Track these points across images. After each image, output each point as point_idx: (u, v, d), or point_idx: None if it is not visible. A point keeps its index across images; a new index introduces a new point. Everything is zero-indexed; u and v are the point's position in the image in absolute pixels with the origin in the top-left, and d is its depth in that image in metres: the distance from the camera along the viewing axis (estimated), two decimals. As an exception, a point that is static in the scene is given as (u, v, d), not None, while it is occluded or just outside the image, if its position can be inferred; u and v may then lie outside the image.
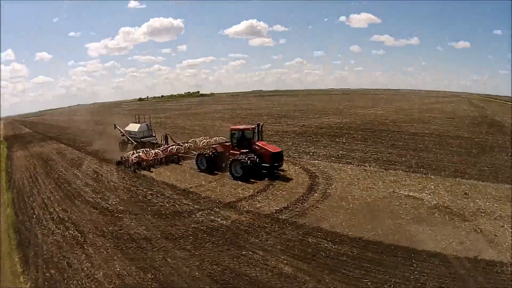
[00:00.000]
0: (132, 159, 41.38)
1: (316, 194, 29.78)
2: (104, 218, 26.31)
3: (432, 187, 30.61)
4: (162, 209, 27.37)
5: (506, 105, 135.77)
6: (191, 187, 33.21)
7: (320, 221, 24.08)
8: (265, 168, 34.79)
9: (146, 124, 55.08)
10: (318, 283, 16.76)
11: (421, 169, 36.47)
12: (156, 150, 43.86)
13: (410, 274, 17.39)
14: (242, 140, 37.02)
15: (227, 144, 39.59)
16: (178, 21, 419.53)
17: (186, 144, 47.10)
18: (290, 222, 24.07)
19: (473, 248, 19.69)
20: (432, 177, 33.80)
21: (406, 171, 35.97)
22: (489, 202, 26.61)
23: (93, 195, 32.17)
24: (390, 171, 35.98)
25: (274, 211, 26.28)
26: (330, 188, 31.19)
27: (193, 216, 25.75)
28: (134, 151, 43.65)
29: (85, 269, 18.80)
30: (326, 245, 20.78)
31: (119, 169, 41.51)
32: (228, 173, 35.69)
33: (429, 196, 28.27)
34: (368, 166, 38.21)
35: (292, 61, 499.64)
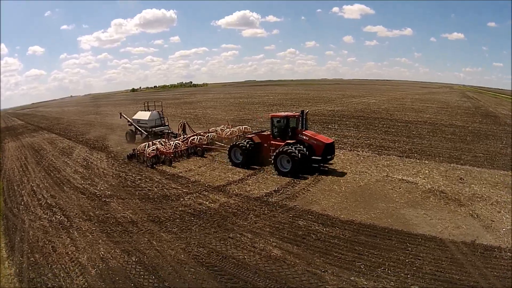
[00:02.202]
0: (148, 152, 35.63)
1: (307, 178, 29.15)
2: (91, 203, 25.75)
3: (427, 171, 30.06)
4: (150, 193, 26.82)
5: (499, 97, 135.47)
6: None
7: (311, 204, 23.51)
8: (316, 161, 30.76)
9: (158, 112, 50.62)
10: (308, 265, 16.12)
11: (415, 155, 36.06)
12: (175, 141, 38.98)
13: (405, 257, 16.75)
14: (286, 129, 32.52)
15: (265, 133, 34.97)
16: (170, 12, 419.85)
17: (209, 134, 41.72)
18: (280, 205, 23.52)
19: (470, 233, 19.04)
20: (426, 162, 33.36)
21: (400, 156, 35.50)
22: (485, 187, 26.06)
23: (82, 182, 31.55)
24: (383, 156, 35.45)
25: (264, 194, 25.72)
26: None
27: (181, 199, 25.19)
28: (149, 143, 37.60)
29: (70, 253, 18.30)
30: (317, 227, 20.14)
31: (109, 157, 40.26)
32: (273, 167, 31.40)
33: (424, 180, 27.67)
34: (361, 151, 37.68)
35: (284, 52, 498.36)
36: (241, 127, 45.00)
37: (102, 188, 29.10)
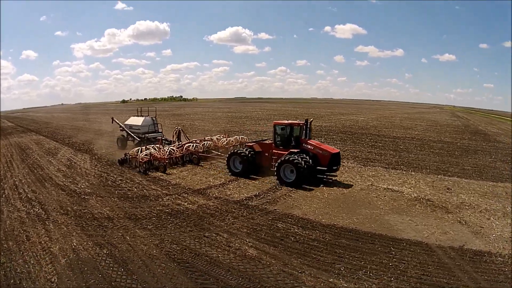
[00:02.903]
0: (141, 157, 33.61)
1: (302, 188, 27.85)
2: (71, 199, 25.46)
3: (413, 182, 29.44)
4: (129, 193, 26.49)
5: (490, 117, 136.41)
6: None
7: (292, 209, 22.93)
8: (321, 172, 29.22)
9: (151, 118, 48.83)
10: (285, 266, 15.43)
11: (401, 167, 35.48)
12: (170, 148, 37.13)
13: (389, 261, 15.98)
14: (290, 137, 30.66)
15: (266, 142, 33.37)
16: (164, 25, 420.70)
17: (205, 142, 40.09)
18: (259, 208, 22.97)
19: (458, 239, 18.33)
20: (413, 173, 32.78)
21: (386, 168, 34.88)
22: (473, 196, 25.47)
23: (64, 179, 31.20)
24: (369, 167, 34.75)
25: (244, 198, 25.24)
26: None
27: (160, 200, 24.83)
28: (142, 148, 35.80)
29: (43, 242, 18.12)
30: (296, 230, 19.50)
31: (92, 159, 39.43)
32: (274, 177, 29.66)
33: (409, 189, 26.99)
34: (346, 162, 36.76)
35: (275, 69, 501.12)
36: (238, 137, 43.36)
37: (82, 186, 28.56)
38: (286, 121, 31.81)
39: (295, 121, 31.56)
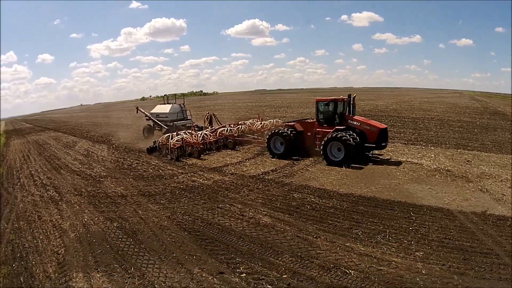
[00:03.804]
0: (173, 143, 31.65)
1: (307, 160, 28.22)
2: (86, 182, 25.55)
3: (432, 155, 28.44)
4: (145, 174, 26.35)
5: (508, 100, 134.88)
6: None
7: (309, 181, 22.43)
8: (370, 149, 27.50)
9: (180, 105, 46.78)
10: (299, 232, 15.08)
11: (420, 143, 34.50)
12: (203, 132, 35.01)
13: (409, 225, 15.42)
14: (334, 114, 28.55)
15: (308, 121, 31.20)
16: (180, 21, 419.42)
17: (240, 126, 37.89)
18: (276, 181, 22.55)
19: (480, 205, 17.48)
20: (432, 148, 31.80)
21: (405, 144, 33.97)
22: (493, 168, 24.46)
23: (80, 166, 31.43)
24: (388, 144, 32.45)
25: (261, 173, 24.90)
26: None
27: (175, 178, 24.65)
28: (173, 134, 33.60)
29: (54, 220, 18.19)
30: (312, 199, 18.99)
31: (110, 147, 39.43)
32: (318, 157, 28.09)
33: (429, 162, 26.08)
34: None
35: (294, 60, 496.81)
36: (272, 120, 40.74)
37: (98, 171, 28.70)
38: (329, 98, 29.48)
39: (339, 97, 29.06)
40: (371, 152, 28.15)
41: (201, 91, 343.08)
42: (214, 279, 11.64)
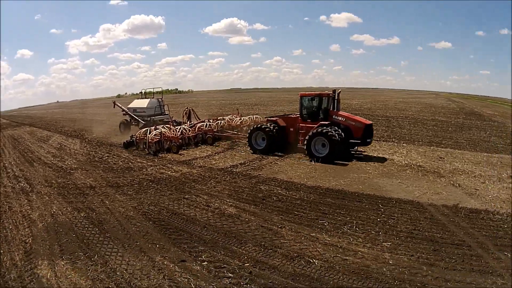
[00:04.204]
0: (151, 138, 30.96)
1: (277, 154, 28.40)
2: (56, 174, 25.76)
3: (404, 152, 28.93)
4: (114, 166, 26.75)
5: (485, 102, 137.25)
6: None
7: (277, 174, 22.79)
8: (354, 145, 27.43)
9: (157, 99, 45.90)
10: (264, 222, 15.28)
11: (393, 140, 35.00)
12: (182, 127, 34.43)
13: (377, 217, 15.62)
14: (318, 109, 28.17)
15: (291, 116, 30.85)
16: (159, 19, 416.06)
17: (219, 122, 37.61)
18: (243, 174, 22.88)
19: (451, 198, 17.75)
20: (404, 145, 32.32)
21: (377, 141, 33.97)
22: (467, 164, 24.91)
23: (52, 159, 31.47)
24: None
25: (229, 166, 25.24)
26: (283, 149, 29.48)
27: (144, 170, 24.99)
28: (151, 128, 32.90)
29: (23, 211, 18.27)
30: (279, 191, 19.22)
31: (83, 141, 39.22)
32: (301, 154, 27.71)
33: (400, 158, 26.56)
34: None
35: (271, 60, 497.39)
36: (252, 116, 40.85)
37: (69, 163, 28.84)
38: (313, 92, 29.24)
39: (324, 92, 28.86)
40: (356, 148, 28.44)
41: (176, 89, 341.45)
42: (176, 266, 11.72)
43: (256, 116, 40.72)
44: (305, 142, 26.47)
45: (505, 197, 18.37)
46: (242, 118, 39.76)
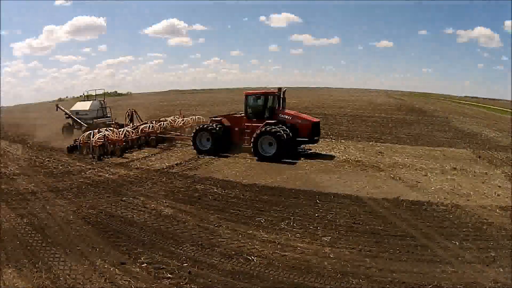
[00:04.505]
0: (95, 141, 29.76)
1: (221, 155, 28.22)
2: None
3: (343, 148, 29.74)
4: (55, 171, 26.16)
5: (427, 97, 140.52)
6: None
7: (212, 173, 23.24)
8: (302, 143, 27.65)
9: (100, 101, 44.65)
10: (201, 221, 15.64)
11: (331, 137, 35.56)
12: (125, 129, 33.61)
13: (314, 212, 16.06)
14: (264, 108, 28.36)
15: (235, 115, 31.17)
16: (100, 20, 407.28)
17: (162, 123, 36.91)
18: (179, 174, 23.26)
19: (392, 192, 18.41)
20: (343, 141, 33.05)
21: (314, 138, 33.09)
22: (407, 158, 25.87)
23: None
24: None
25: (166, 167, 25.39)
26: (229, 149, 29.32)
27: (83, 173, 24.89)
28: (94, 131, 31.59)
29: None
30: (215, 190, 19.67)
31: (25, 147, 37.55)
32: (253, 152, 27.05)
33: (338, 153, 27.34)
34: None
35: (209, 60, 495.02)
36: (194, 117, 40.90)
37: (12, 169, 27.93)
38: (259, 91, 29.84)
39: (269, 90, 29.49)
40: (303, 147, 28.75)
41: (116, 91, 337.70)
42: (116, 269, 11.85)
43: (199, 116, 40.84)
44: (252, 142, 26.55)
45: (449, 188, 19.14)
46: (184, 119, 39.66)
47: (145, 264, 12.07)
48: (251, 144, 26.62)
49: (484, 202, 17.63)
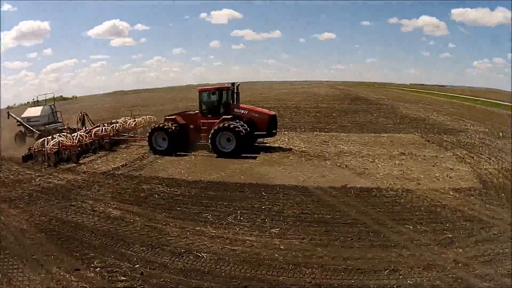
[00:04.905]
0: (49, 149, 28.34)
1: (180, 154, 27.93)
2: None
3: (286, 139, 29.99)
4: (6, 180, 25.62)
5: (373, 87, 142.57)
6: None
7: (158, 172, 23.36)
8: (259, 137, 27.80)
9: (50, 106, 41.80)
10: (149, 221, 15.80)
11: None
12: (79, 133, 31.59)
13: (261, 205, 16.37)
14: (219, 104, 28.11)
15: (189, 113, 30.58)
16: (45, 24, 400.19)
17: (114, 125, 35.43)
18: (125, 176, 23.23)
19: (339, 180, 18.80)
20: (286, 133, 33.28)
21: (255, 131, 33.24)
22: (353, 146, 26.38)
23: None
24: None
25: (111, 169, 25.19)
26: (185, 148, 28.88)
27: (33, 181, 24.27)
28: (48, 138, 29.66)
29: None
30: (161, 189, 19.86)
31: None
32: (211, 149, 26.73)
33: (282, 145, 27.65)
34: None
35: (152, 60, 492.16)
36: (145, 117, 40.11)
37: None
38: (212, 87, 29.39)
39: (223, 85, 29.03)
40: (260, 140, 28.55)
41: (61, 96, 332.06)
42: (71, 276, 11.83)
43: (150, 116, 40.23)
44: (210, 138, 26.32)
45: (398, 173, 19.69)
46: (136, 119, 38.83)
47: (99, 268, 12.06)
48: (209, 141, 26.44)
49: (436, 185, 18.05)
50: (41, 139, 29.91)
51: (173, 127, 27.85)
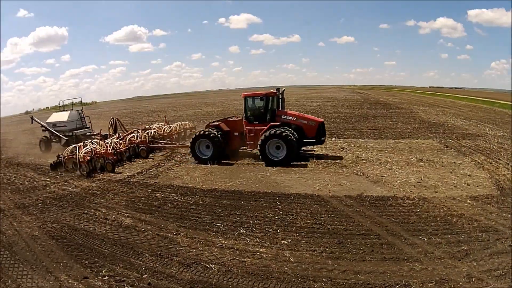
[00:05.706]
0: (82, 156, 26.84)
1: (173, 160, 28.80)
2: None
3: (304, 146, 28.39)
4: (21, 187, 25.59)
5: (392, 91, 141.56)
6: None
7: (172, 180, 23.11)
8: (308, 145, 26.98)
9: (78, 111, 40.86)
10: (160, 230, 15.63)
11: None
12: (113, 140, 30.80)
13: (274, 214, 16.09)
14: (266, 111, 26.93)
15: (233, 119, 29.38)
16: (62, 30, 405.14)
17: (150, 131, 34.39)
18: (140, 183, 23.02)
19: (355, 188, 18.54)
20: None
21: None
22: (371, 152, 26.04)
23: None
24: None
25: (127, 176, 25.03)
26: (189, 155, 28.67)
27: (47, 188, 24.30)
28: (79, 145, 28.49)
29: None
30: (175, 197, 19.66)
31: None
32: (260, 157, 25.63)
33: (300, 152, 26.91)
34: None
35: (171, 65, 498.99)
36: (180, 123, 39.00)
37: None
38: (259, 92, 28.27)
39: (269, 91, 27.68)
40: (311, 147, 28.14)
41: (81, 101, 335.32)
42: (80, 284, 11.78)
43: (185, 122, 39.54)
44: (259, 146, 25.45)
45: (415, 181, 19.34)
46: (171, 126, 37.77)
47: (107, 277, 11.96)
48: (258, 149, 25.59)
49: (453, 193, 17.72)
50: (72, 146, 28.94)
51: (218, 135, 26.95)
